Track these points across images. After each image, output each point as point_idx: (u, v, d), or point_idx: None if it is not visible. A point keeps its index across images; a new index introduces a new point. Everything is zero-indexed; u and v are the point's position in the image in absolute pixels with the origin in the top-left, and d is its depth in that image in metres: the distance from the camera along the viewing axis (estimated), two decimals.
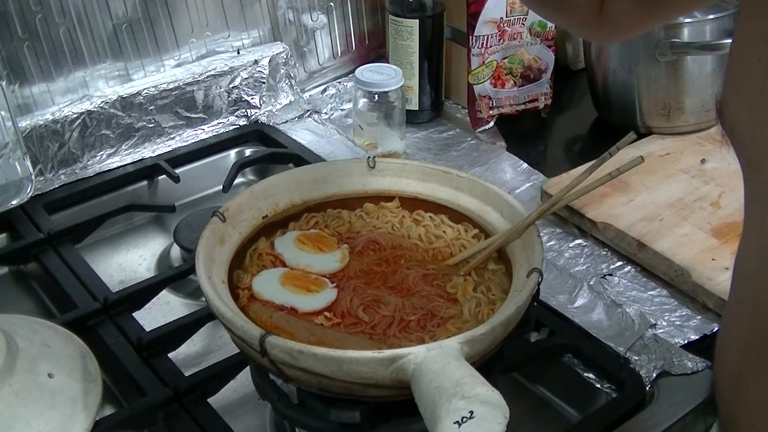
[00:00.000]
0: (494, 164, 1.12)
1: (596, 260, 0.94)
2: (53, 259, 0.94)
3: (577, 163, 1.07)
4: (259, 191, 0.80)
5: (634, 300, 0.88)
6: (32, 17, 1.03)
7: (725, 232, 0.95)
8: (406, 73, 1.16)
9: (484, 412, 0.54)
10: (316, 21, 1.27)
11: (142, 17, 1.12)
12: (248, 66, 1.19)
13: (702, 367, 0.79)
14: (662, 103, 1.13)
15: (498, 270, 0.76)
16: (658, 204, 0.99)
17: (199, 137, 1.17)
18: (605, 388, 0.79)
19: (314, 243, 0.79)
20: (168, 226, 1.08)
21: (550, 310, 0.86)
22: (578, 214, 0.98)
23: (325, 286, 0.75)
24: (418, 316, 0.71)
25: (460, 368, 0.58)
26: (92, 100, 1.08)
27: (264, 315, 0.70)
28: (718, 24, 1.08)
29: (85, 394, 0.71)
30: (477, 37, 1.15)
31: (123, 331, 0.84)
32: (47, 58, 1.06)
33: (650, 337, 0.82)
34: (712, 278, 0.87)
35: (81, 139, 1.08)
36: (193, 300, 0.95)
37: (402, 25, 1.17)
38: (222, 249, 0.74)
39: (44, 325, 0.78)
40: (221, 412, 0.76)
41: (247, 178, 1.17)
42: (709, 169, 1.06)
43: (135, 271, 1.03)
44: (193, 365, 0.84)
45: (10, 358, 0.69)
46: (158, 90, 1.12)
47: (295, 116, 1.22)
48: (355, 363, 0.60)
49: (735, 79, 0.60)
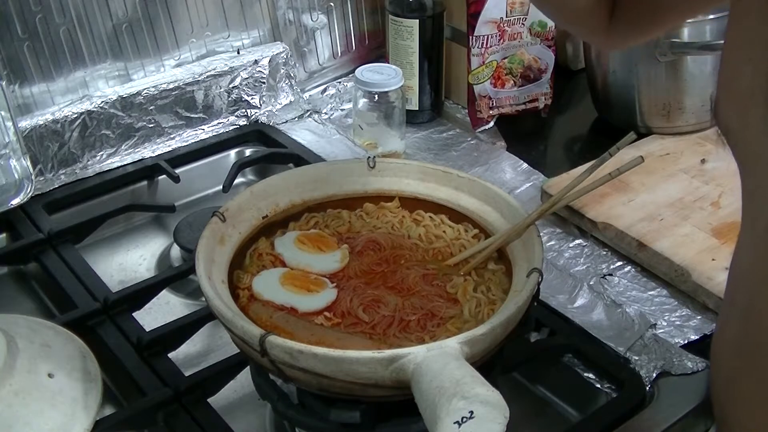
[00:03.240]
0: (494, 164, 1.12)
1: (596, 260, 0.94)
2: (53, 259, 0.94)
3: (577, 163, 1.07)
4: (259, 191, 0.80)
5: (634, 300, 0.88)
6: (32, 17, 1.03)
7: (725, 232, 0.95)
8: (406, 73, 1.16)
9: (484, 412, 0.54)
10: (316, 21, 1.27)
11: (142, 17, 1.12)
12: (248, 66, 1.19)
13: (702, 367, 0.79)
14: (662, 103, 1.13)
15: (498, 270, 0.76)
16: (658, 204, 0.99)
17: (199, 137, 1.17)
18: (605, 388, 0.79)
19: (314, 243, 0.79)
20: (168, 226, 1.08)
21: (550, 310, 0.86)
22: (578, 214, 0.98)
23: (325, 286, 0.75)
24: (418, 316, 0.71)
25: (460, 368, 0.58)
26: (92, 100, 1.08)
27: (264, 315, 0.70)
28: (718, 24, 1.08)
29: (85, 394, 0.71)
30: (477, 37, 1.15)
31: (123, 331, 0.84)
32: (47, 58, 1.06)
33: (650, 337, 0.82)
34: (712, 278, 0.87)
35: (81, 139, 1.08)
36: (193, 300, 0.95)
37: (402, 25, 1.17)
38: (222, 249, 0.74)
39: (44, 325, 0.78)
40: (221, 412, 0.76)
41: (247, 178, 1.17)
42: (709, 169, 1.06)
43: (135, 271, 1.03)
44: (193, 365, 0.84)
45: (10, 358, 0.69)
46: (158, 90, 1.12)
47: (295, 116, 1.22)
48: (355, 363, 0.60)
49: (726, 81, 0.60)
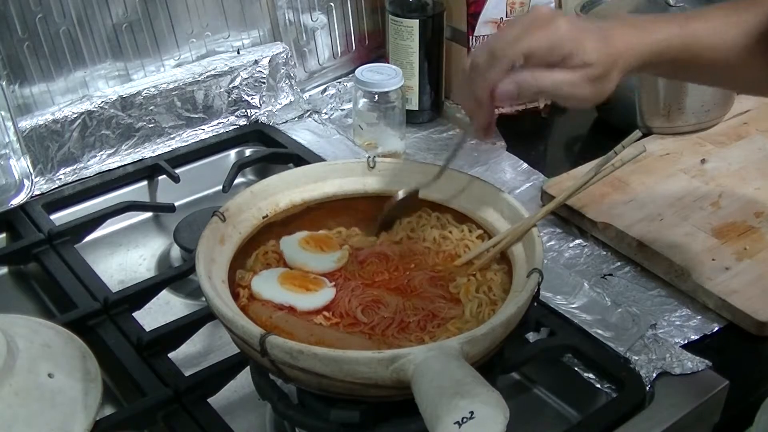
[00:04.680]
0: (494, 164, 1.12)
1: (596, 260, 0.94)
2: (53, 259, 0.94)
3: (577, 163, 1.07)
4: (259, 191, 0.80)
5: (634, 300, 0.88)
6: (32, 17, 1.03)
7: (725, 232, 0.95)
8: (406, 73, 1.16)
9: (485, 412, 0.54)
10: (316, 21, 1.27)
11: (142, 17, 1.12)
12: (248, 66, 1.19)
13: (702, 367, 0.79)
14: (662, 103, 1.13)
15: (500, 270, 0.76)
16: (658, 204, 0.99)
17: (199, 137, 1.17)
18: (605, 388, 0.79)
19: (317, 243, 0.79)
20: (168, 226, 1.08)
21: (550, 310, 0.86)
22: (578, 214, 0.98)
23: (324, 285, 0.75)
24: (419, 317, 0.71)
25: (460, 368, 0.58)
26: (92, 100, 1.08)
27: (264, 315, 0.71)
28: None
29: (85, 394, 0.71)
30: (477, 37, 1.15)
31: (123, 331, 0.84)
32: (47, 58, 1.06)
33: (650, 337, 0.82)
34: (712, 278, 0.87)
35: (81, 139, 1.08)
36: (193, 300, 0.95)
37: (402, 25, 1.17)
38: (222, 249, 0.74)
39: (44, 325, 0.78)
40: (221, 412, 0.76)
41: (247, 178, 1.17)
42: (709, 169, 1.06)
43: (135, 271, 1.03)
44: (193, 365, 0.84)
45: (10, 358, 0.69)
46: (158, 90, 1.12)
47: (295, 116, 1.22)
48: (356, 363, 0.60)
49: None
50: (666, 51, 0.72)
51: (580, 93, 0.69)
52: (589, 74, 0.69)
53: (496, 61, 0.68)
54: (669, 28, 0.73)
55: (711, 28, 0.74)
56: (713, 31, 0.74)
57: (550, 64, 0.68)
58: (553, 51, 0.68)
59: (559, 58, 0.68)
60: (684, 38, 0.73)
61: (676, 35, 0.73)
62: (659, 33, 0.72)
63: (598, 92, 0.70)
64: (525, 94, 0.69)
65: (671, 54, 0.73)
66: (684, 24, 0.73)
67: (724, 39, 0.73)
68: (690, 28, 0.73)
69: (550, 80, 0.68)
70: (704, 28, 0.74)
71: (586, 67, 0.68)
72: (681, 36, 0.73)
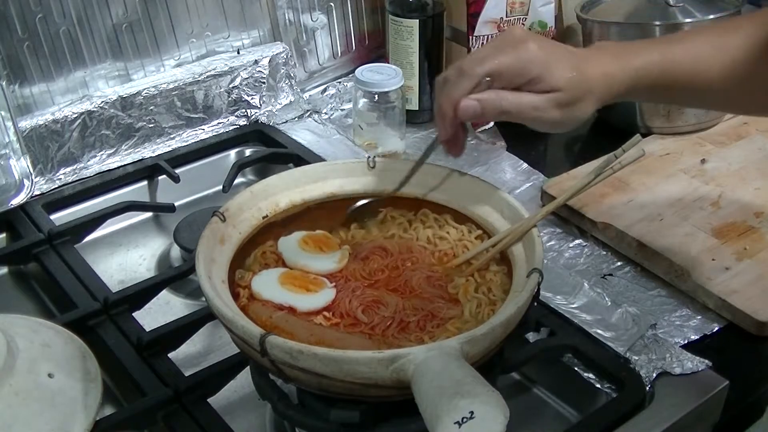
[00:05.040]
0: (494, 164, 1.12)
1: (596, 260, 0.94)
2: (53, 259, 0.94)
3: (577, 163, 1.07)
4: (259, 191, 0.80)
5: (634, 300, 0.88)
6: (32, 17, 1.03)
7: (725, 232, 0.95)
8: (406, 73, 1.16)
9: (485, 412, 0.54)
10: (316, 21, 1.27)
11: (142, 17, 1.12)
12: (248, 66, 1.19)
13: (702, 367, 0.79)
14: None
15: (499, 271, 0.76)
16: (658, 204, 0.99)
17: (199, 137, 1.17)
18: (605, 388, 0.79)
19: (317, 243, 0.79)
20: (168, 226, 1.08)
21: (550, 310, 0.86)
22: (578, 214, 0.98)
23: (324, 286, 0.75)
24: (419, 317, 0.71)
25: (460, 368, 0.58)
26: (92, 100, 1.08)
27: (264, 315, 0.70)
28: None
29: (85, 394, 0.71)
30: (477, 37, 1.15)
31: (123, 331, 0.84)
32: (47, 58, 1.06)
33: (650, 337, 0.82)
34: (712, 278, 0.87)
35: (81, 139, 1.08)
36: (193, 300, 0.95)
37: (402, 25, 1.17)
38: (222, 249, 0.74)
39: (44, 325, 0.78)
40: (221, 412, 0.76)
41: (247, 178, 1.17)
42: (709, 169, 1.06)
43: (135, 271, 1.03)
44: (193, 365, 0.84)
45: (10, 358, 0.69)
46: (158, 90, 1.12)
47: (295, 116, 1.22)
48: (356, 363, 0.60)
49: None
50: (645, 78, 0.72)
51: (547, 117, 0.70)
52: (556, 99, 0.69)
53: (462, 77, 0.69)
54: (649, 55, 0.72)
55: (692, 53, 0.73)
56: (695, 57, 0.73)
57: (517, 85, 0.68)
58: (520, 73, 0.68)
59: (526, 81, 0.68)
60: (663, 65, 0.72)
61: (657, 62, 0.72)
62: (638, 60, 0.72)
63: (568, 118, 0.70)
64: (489, 112, 0.69)
65: (650, 81, 0.72)
66: (665, 50, 0.73)
67: (707, 64, 0.73)
68: (670, 55, 0.73)
69: (514, 101, 0.69)
70: (685, 54, 0.73)
71: (553, 92, 0.68)
72: (661, 63, 0.72)
